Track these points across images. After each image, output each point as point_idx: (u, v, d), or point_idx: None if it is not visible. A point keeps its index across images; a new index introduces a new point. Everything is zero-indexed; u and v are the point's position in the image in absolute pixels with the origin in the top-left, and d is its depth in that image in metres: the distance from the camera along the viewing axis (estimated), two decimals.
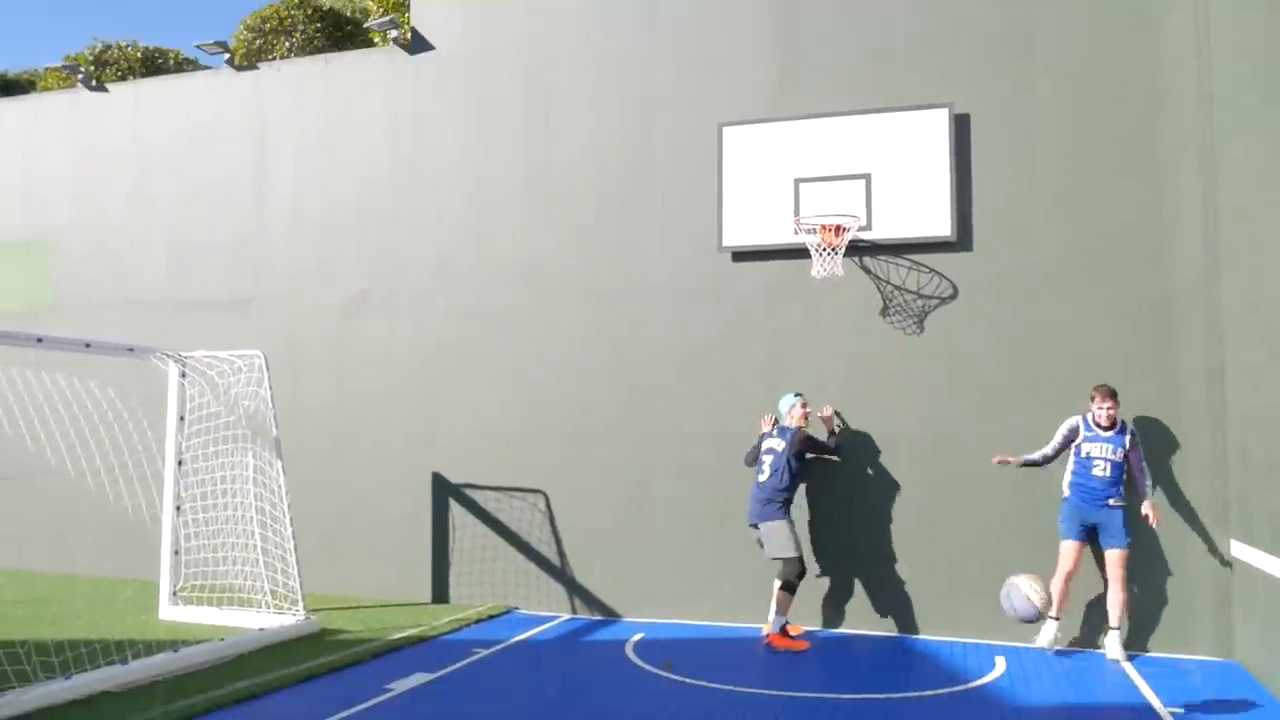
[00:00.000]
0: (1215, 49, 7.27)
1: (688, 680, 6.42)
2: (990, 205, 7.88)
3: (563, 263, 9.00)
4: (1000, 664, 6.93)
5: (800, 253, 8.10)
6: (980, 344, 7.85)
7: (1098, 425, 7.19)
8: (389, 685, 6.19)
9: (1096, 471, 7.14)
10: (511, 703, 5.97)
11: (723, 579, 8.32)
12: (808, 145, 8.16)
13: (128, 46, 12.30)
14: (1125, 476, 7.16)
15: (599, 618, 8.64)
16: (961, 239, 7.89)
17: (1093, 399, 7.23)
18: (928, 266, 7.98)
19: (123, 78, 11.32)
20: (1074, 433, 7.27)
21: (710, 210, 8.49)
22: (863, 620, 7.97)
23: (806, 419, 7.76)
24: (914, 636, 7.79)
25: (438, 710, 5.82)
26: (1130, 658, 7.08)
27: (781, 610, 7.44)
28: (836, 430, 8.00)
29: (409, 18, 9.71)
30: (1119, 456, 7.13)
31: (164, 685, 6.04)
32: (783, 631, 7.43)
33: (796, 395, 7.83)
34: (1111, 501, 7.11)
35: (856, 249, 8.02)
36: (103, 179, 10.84)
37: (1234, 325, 7.00)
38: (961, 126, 7.93)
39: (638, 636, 7.82)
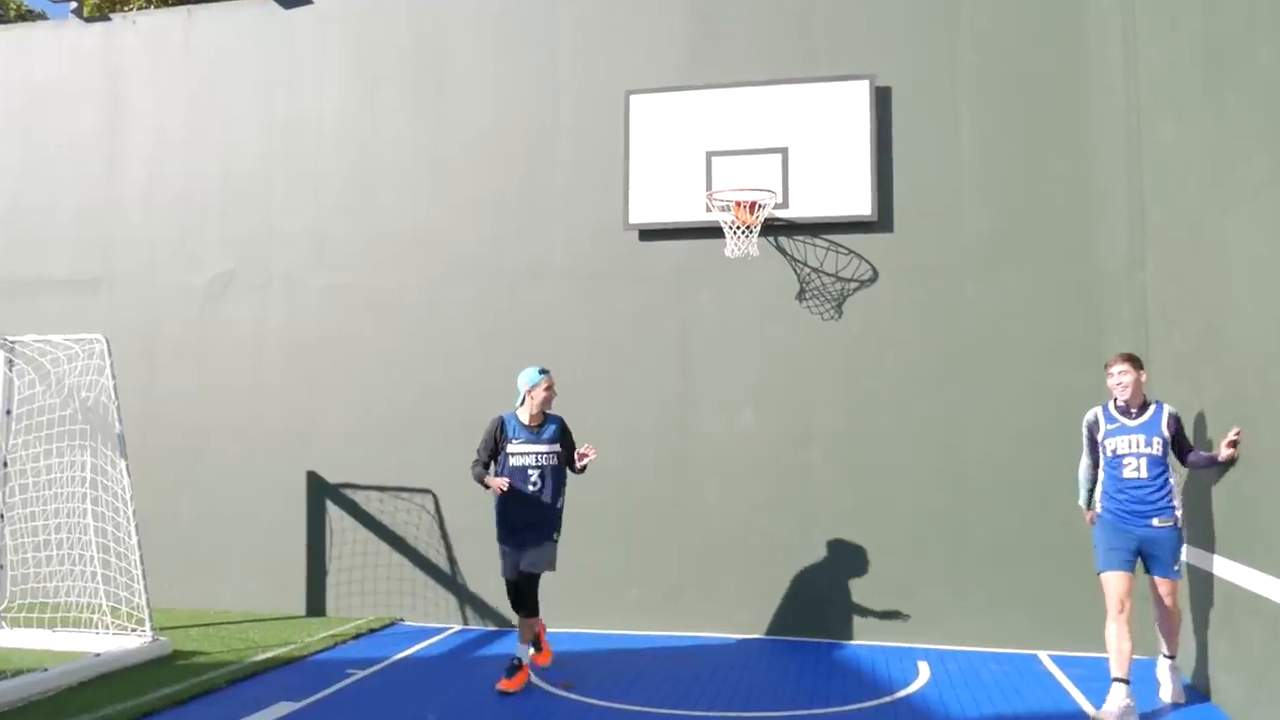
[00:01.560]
0: (1141, 27, 6.98)
1: (591, 701, 5.76)
2: (912, 184, 7.45)
3: (456, 239, 8.22)
4: (924, 670, 6.48)
5: (713, 231, 7.53)
6: (902, 329, 7.41)
7: (1119, 410, 5.50)
8: (244, 719, 5.33)
9: (1128, 473, 5.36)
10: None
11: (629, 585, 7.70)
12: (721, 116, 7.60)
13: None
14: (1171, 478, 5.41)
15: (493, 628, 7.90)
16: (882, 219, 7.44)
17: (1108, 373, 5.55)
18: (846, 247, 7.51)
19: None
20: (1094, 427, 5.54)
21: (617, 185, 7.84)
22: (781, 625, 7.44)
23: (547, 403, 6.20)
24: (834, 642, 7.30)
25: None
26: (1058, 658, 6.74)
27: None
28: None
29: None
30: (1156, 449, 5.32)
31: None
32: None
33: (543, 371, 6.21)
34: (1156, 521, 5.29)
35: (772, 228, 7.49)
36: None
37: (1159, 312, 6.72)
38: (883, 100, 7.48)
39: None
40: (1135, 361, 5.43)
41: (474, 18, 8.31)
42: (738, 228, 7.29)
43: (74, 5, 9.18)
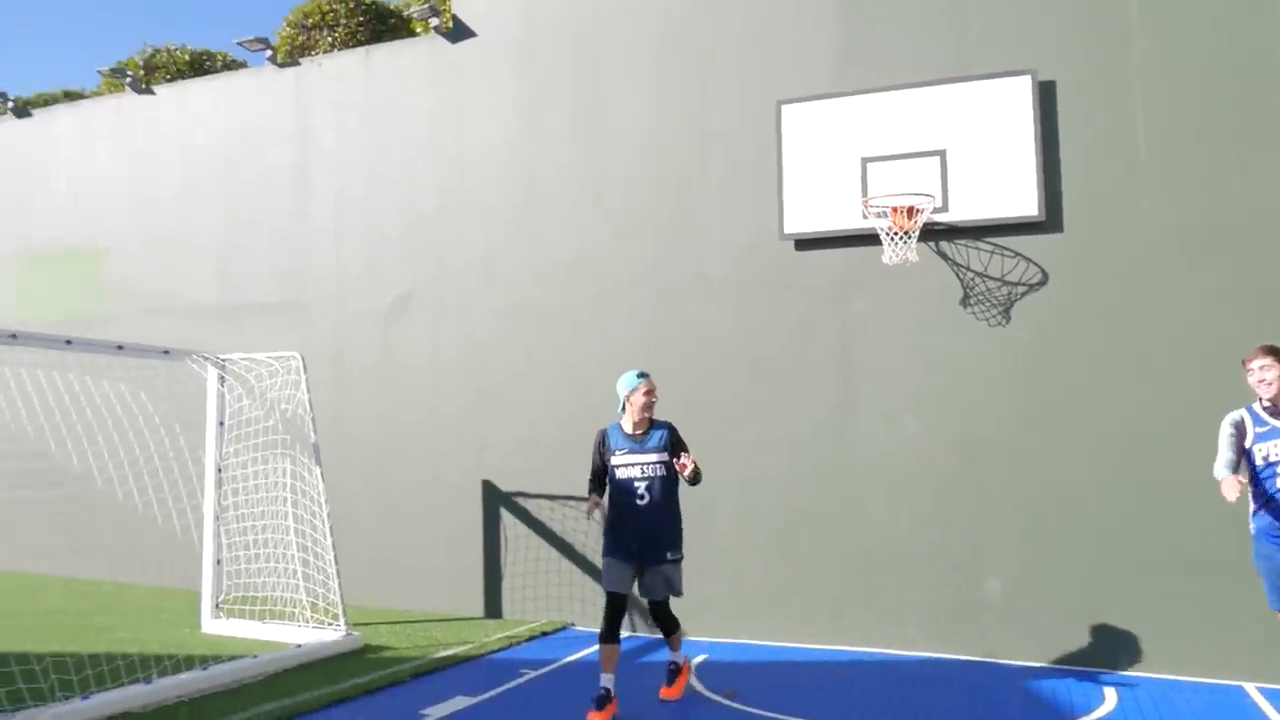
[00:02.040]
0: None
1: (753, 710, 5.80)
2: (1083, 181, 7.12)
3: (617, 257, 8.47)
4: (1110, 697, 6.15)
5: (870, 238, 7.45)
6: (1076, 333, 7.09)
7: (1268, 411, 4.93)
8: (424, 711, 5.70)
9: None
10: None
11: (792, 595, 7.68)
12: (875, 121, 7.51)
13: (176, 50, 12.20)
14: None
15: (659, 636, 8.05)
16: (1050, 218, 7.14)
17: (1247, 370, 5.06)
18: (1012, 250, 7.25)
19: (171, 81, 11.16)
20: (1239, 431, 4.94)
21: (771, 195, 7.89)
22: (950, 643, 7.24)
23: (647, 407, 5.77)
24: (1007, 663, 7.04)
25: None
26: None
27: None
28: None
29: (450, 4, 9.31)
30: None
31: (188, 706, 5.65)
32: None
33: (642, 375, 5.84)
34: None
35: (932, 233, 7.33)
36: (151, 183, 10.69)
37: None
38: (1047, 95, 7.19)
39: (700, 658, 7.22)
40: (1278, 354, 4.90)
41: (627, 39, 8.56)
42: (895, 234, 7.19)
43: (269, 53, 10.06)
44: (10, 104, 11.83)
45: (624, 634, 8.05)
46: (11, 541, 10.87)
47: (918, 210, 7.15)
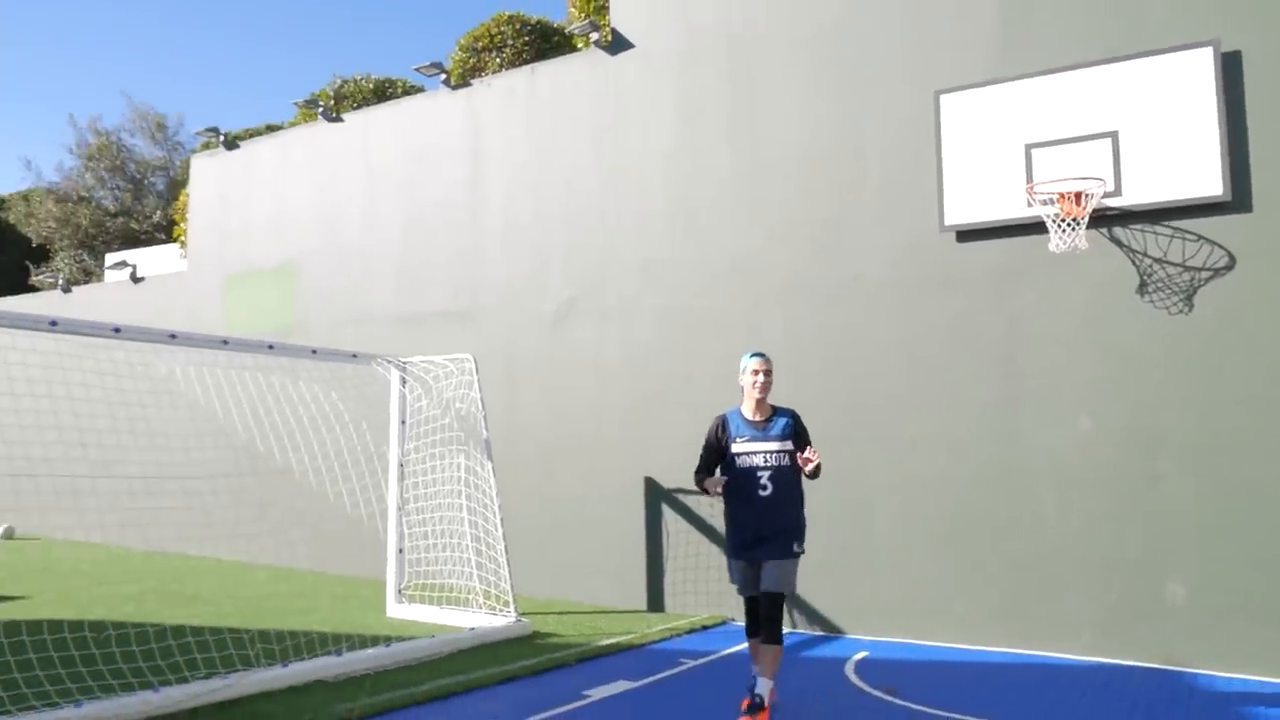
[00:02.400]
0: None
1: (916, 707, 5.72)
2: (1273, 157, 6.63)
3: (773, 259, 8.53)
4: None
5: (1035, 227, 7.20)
6: (1264, 320, 6.59)
7: None
8: (587, 691, 5.95)
9: None
10: (711, 718, 5.53)
11: (957, 597, 7.49)
12: (1039, 105, 7.25)
13: (361, 80, 13.17)
14: None
15: (819, 633, 8.04)
16: (1237, 199, 6.69)
17: None
18: (1194, 233, 6.83)
19: (358, 108, 12.07)
20: None
21: (930, 188, 7.75)
22: (1130, 649, 6.86)
23: (761, 388, 5.42)
24: (1195, 671, 6.61)
25: None
26: None
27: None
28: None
29: (609, 19, 9.65)
30: None
31: (372, 678, 6.12)
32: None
33: (756, 354, 5.56)
34: None
35: (1103, 218, 7.01)
36: (339, 204, 11.58)
37: None
38: (1231, 66, 6.74)
39: (860, 655, 7.16)
40: None
41: (782, 43, 8.62)
42: (1063, 221, 6.92)
43: (443, 76, 10.72)
44: (221, 138, 13.10)
45: (788, 629, 8.10)
46: (222, 530, 11.98)
47: (1087, 195, 6.85)
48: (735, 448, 5.38)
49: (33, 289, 21.61)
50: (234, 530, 11.50)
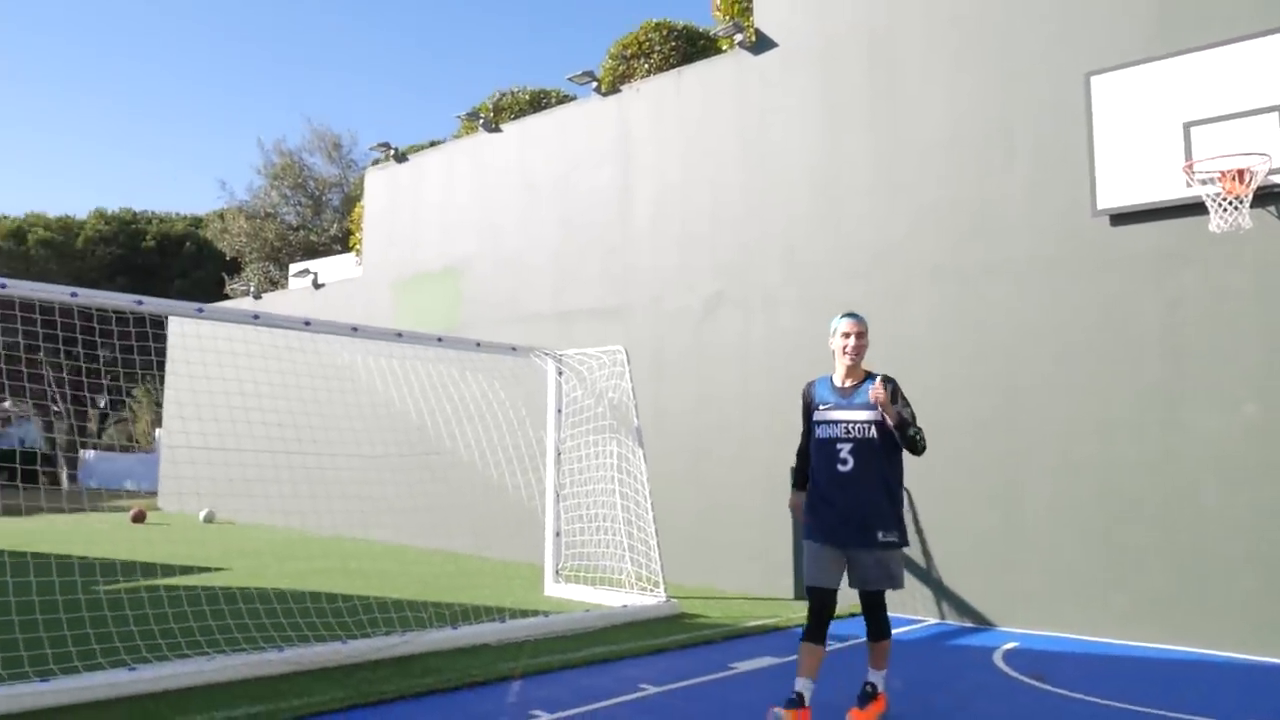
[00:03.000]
0: None
1: (1065, 692, 5.68)
2: None
3: (916, 246, 8.55)
4: None
5: (1195, 208, 6.97)
6: None
7: None
8: (732, 664, 6.20)
9: None
10: (855, 692, 5.67)
11: (1114, 590, 7.31)
12: (1198, 82, 7.01)
13: (518, 91, 13.90)
14: None
15: (969, 624, 8.00)
16: None
17: None
18: None
19: (515, 119, 12.76)
20: None
21: (1080, 171, 7.61)
22: None
23: (853, 351, 4.77)
24: None
25: (778, 691, 5.69)
26: None
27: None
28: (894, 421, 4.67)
29: (753, 20, 9.88)
30: None
31: (532, 644, 6.57)
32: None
33: (849, 315, 4.90)
34: None
35: (1271, 195, 6.72)
36: (499, 208, 12.28)
37: None
38: None
39: (1009, 645, 7.11)
40: None
41: (924, 32, 8.63)
42: (1224, 200, 6.67)
43: (594, 84, 11.21)
44: (392, 152, 14.10)
45: (919, 619, 8.12)
46: (392, 515, 12.88)
47: (1250, 173, 6.59)
48: (817, 415, 4.78)
49: (226, 298, 23.73)
50: (403, 516, 12.35)
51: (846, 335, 4.77)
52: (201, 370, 12.69)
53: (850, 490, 4.62)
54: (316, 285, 15.76)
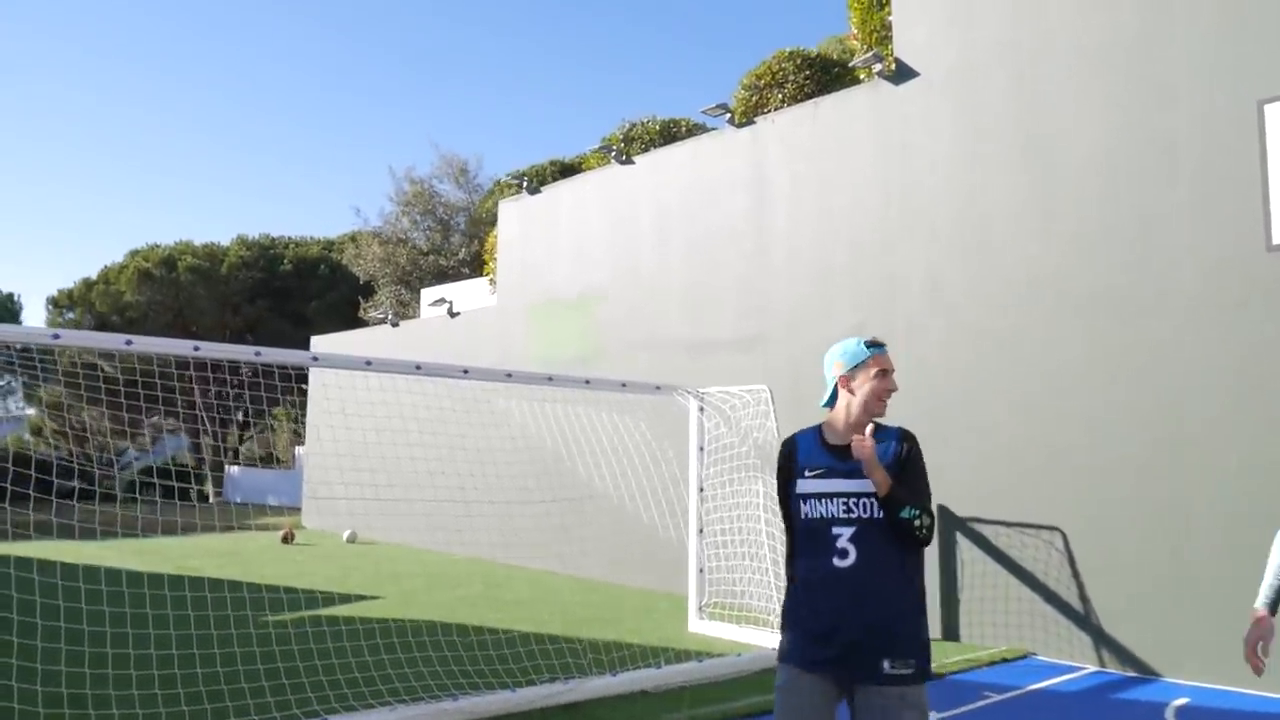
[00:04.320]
0: None
1: None
2: None
3: (1072, 276, 8.28)
4: None
5: None
6: None
7: None
8: None
9: None
10: None
11: None
12: None
13: (648, 122, 14.07)
14: None
15: (1131, 674, 7.69)
16: None
17: None
18: None
19: (645, 149, 12.93)
20: None
21: (1254, 203, 7.24)
22: None
23: (877, 398, 3.26)
24: None
25: None
26: None
27: None
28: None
29: (892, 49, 9.76)
30: None
31: (690, 691, 6.64)
32: None
33: (873, 345, 3.31)
34: None
35: None
36: (631, 238, 12.46)
37: None
38: None
39: (1181, 701, 6.80)
40: None
41: (1074, 56, 8.35)
42: None
43: (727, 115, 11.26)
44: (524, 182, 14.47)
45: (1096, 667, 7.83)
46: (530, 541, 13.20)
47: None
48: (801, 487, 3.20)
49: (362, 321, 24.74)
50: (541, 542, 12.64)
51: (885, 373, 3.26)
52: (338, 394, 13.29)
53: (850, 593, 3.04)
54: (452, 314, 16.28)
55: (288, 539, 16.88)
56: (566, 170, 17.60)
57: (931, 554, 9.01)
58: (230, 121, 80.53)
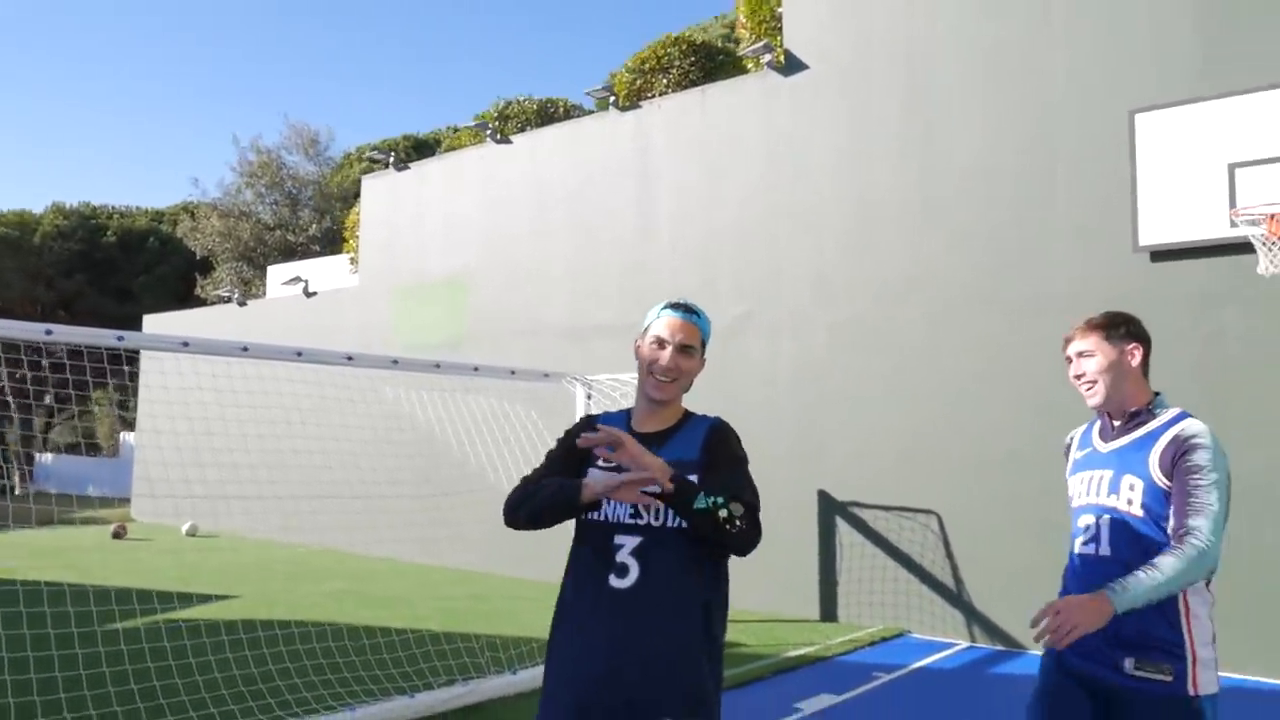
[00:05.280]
0: None
1: None
2: None
3: (952, 275, 8.60)
4: None
5: (1237, 248, 7.09)
6: None
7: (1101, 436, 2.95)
8: (797, 705, 6.19)
9: (1081, 547, 2.83)
10: None
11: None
12: (1245, 124, 7.13)
13: (524, 100, 13.71)
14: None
15: (1000, 648, 8.10)
16: None
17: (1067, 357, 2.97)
18: None
19: (521, 129, 12.59)
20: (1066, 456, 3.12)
21: (1123, 208, 7.70)
22: None
23: (667, 372, 2.57)
24: None
25: None
26: None
27: None
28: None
29: (781, 40, 9.84)
30: (1136, 506, 2.68)
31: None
32: None
33: (672, 307, 2.64)
34: (1128, 667, 2.62)
35: None
36: (508, 220, 12.11)
37: None
38: None
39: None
40: (1109, 329, 2.89)
41: (961, 59, 8.66)
42: (1271, 242, 6.80)
43: (611, 98, 11.09)
44: (390, 159, 13.83)
45: (969, 643, 8.20)
46: (398, 531, 12.67)
47: None
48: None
49: (199, 300, 23.16)
50: (403, 530, 12.15)
51: (661, 344, 2.56)
52: (178, 381, 12.31)
53: (625, 621, 2.40)
54: (308, 294, 15.43)
55: (119, 534, 15.59)
56: (420, 146, 16.98)
57: (811, 537, 9.21)
58: (48, 79, 73.83)
